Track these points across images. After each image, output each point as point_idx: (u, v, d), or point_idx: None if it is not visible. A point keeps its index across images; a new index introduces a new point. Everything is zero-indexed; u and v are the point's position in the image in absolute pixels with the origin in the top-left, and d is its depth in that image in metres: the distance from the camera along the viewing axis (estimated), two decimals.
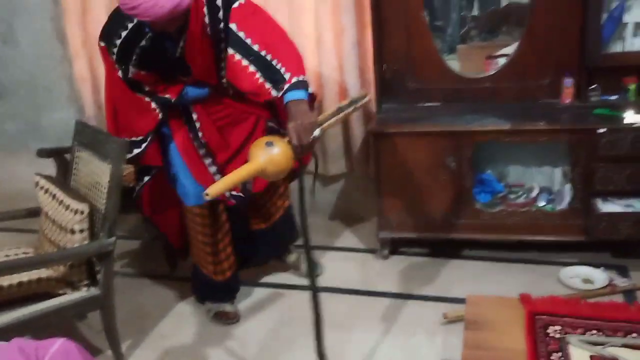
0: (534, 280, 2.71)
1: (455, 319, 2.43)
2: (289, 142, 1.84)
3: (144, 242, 3.35)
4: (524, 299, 1.93)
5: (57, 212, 2.25)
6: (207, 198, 1.71)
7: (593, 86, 2.82)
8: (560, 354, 1.66)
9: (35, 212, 2.46)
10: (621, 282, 2.65)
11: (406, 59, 2.97)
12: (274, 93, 2.06)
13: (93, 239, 2.20)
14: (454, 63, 3.09)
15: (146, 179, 2.47)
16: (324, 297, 2.08)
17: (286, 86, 2.01)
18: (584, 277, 2.71)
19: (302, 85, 2.01)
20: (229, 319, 2.59)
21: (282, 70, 2.06)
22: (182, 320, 2.65)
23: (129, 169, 2.58)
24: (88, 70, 3.55)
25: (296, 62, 2.10)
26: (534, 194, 2.99)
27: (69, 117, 3.48)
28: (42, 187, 2.38)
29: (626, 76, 2.78)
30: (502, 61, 2.99)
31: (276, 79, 2.06)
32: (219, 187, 1.75)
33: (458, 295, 2.61)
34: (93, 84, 3.56)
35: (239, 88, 2.25)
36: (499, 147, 2.98)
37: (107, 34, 2.24)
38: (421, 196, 2.85)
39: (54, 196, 2.31)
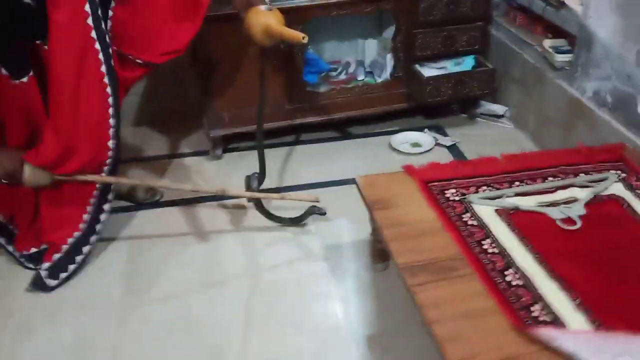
0: (370, 152, 2.80)
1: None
2: None
3: None
4: (409, 170, 1.95)
5: None
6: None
7: None
8: (469, 214, 1.74)
9: None
10: (444, 140, 2.87)
11: None
12: None
13: None
14: None
15: None
16: (168, 211, 2.41)
17: None
18: (412, 141, 2.87)
19: None
20: None
21: None
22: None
23: None
24: None
25: None
26: (352, 69, 3.02)
27: None
28: None
29: None
30: None
31: None
32: None
33: (308, 180, 2.60)
34: None
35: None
36: (315, 24, 2.88)
37: None
38: (251, 86, 2.65)
39: None
